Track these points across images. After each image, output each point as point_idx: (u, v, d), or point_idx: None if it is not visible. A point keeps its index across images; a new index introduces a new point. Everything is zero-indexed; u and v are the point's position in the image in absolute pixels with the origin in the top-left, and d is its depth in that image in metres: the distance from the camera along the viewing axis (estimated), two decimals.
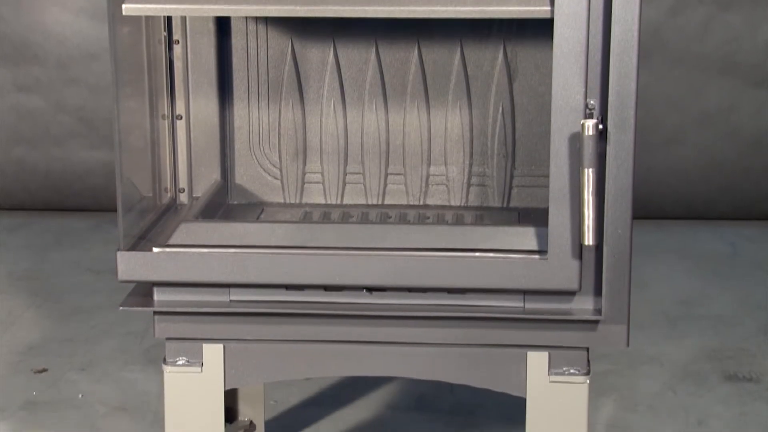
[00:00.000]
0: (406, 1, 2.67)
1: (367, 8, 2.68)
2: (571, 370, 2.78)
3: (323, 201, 3.19)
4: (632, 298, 2.75)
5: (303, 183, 3.19)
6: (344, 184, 3.18)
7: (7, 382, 3.90)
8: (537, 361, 2.78)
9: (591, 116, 2.61)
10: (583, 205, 2.59)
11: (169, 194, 3.12)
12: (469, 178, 3.15)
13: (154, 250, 2.75)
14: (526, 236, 2.76)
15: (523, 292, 2.73)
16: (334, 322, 2.78)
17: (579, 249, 2.66)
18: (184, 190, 3.15)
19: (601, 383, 3.83)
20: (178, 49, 3.09)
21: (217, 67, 3.11)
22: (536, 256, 2.69)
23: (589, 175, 2.58)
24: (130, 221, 2.84)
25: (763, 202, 5.68)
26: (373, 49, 3.11)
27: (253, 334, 2.81)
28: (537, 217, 2.98)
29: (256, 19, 3.11)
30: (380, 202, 3.18)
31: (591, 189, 2.58)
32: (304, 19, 3.09)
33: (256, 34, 3.12)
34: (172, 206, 3.12)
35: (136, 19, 2.90)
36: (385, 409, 3.70)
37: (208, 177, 3.17)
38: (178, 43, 3.09)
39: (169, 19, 3.06)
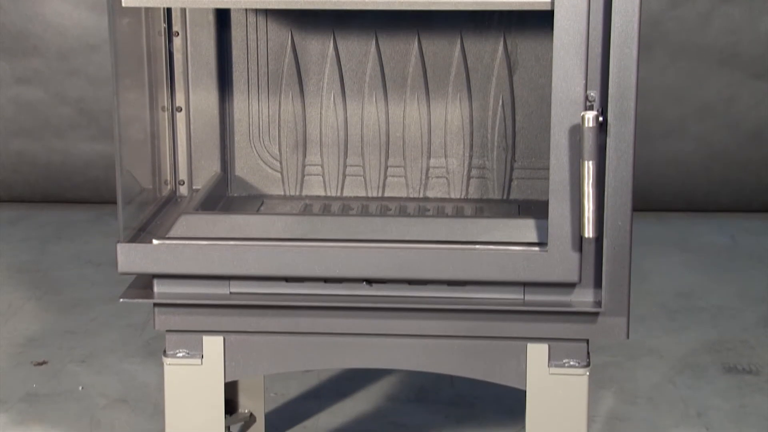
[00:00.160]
0: None
1: (367, 0, 2.68)
2: (571, 362, 2.78)
3: (323, 193, 3.19)
4: (632, 290, 2.75)
5: (303, 175, 3.19)
6: (344, 176, 3.18)
7: (7, 374, 3.90)
8: (537, 353, 2.78)
9: (591, 108, 2.61)
10: (583, 198, 2.59)
11: (169, 186, 3.12)
12: (469, 171, 3.15)
13: (154, 242, 2.75)
14: (526, 228, 2.75)
15: (523, 284, 2.73)
16: (334, 315, 2.78)
17: (579, 241, 2.66)
18: (184, 183, 3.15)
19: (600, 375, 3.83)
20: (177, 41, 3.08)
21: (216, 59, 3.10)
22: (536, 249, 2.69)
23: (589, 167, 2.57)
24: (130, 213, 2.84)
25: (763, 194, 5.67)
26: (373, 41, 3.11)
27: (253, 327, 2.81)
28: (537, 210, 2.98)
29: (256, 11, 3.11)
30: (380, 195, 3.18)
31: (591, 181, 2.58)
32: (304, 11, 3.08)
33: (256, 26, 3.12)
34: (172, 198, 3.12)
35: (135, 11, 2.90)
36: (385, 401, 3.70)
37: (208, 169, 3.17)
38: (178, 34, 3.08)
39: (169, 11, 3.06)
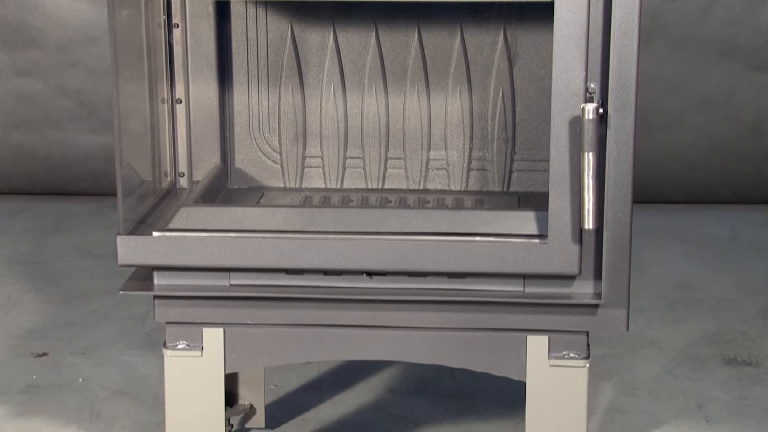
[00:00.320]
0: None
1: None
2: (571, 354, 2.78)
3: (323, 185, 3.19)
4: (632, 282, 2.74)
5: (303, 167, 3.19)
6: (344, 168, 3.18)
7: (7, 366, 3.90)
8: (537, 345, 2.78)
9: (591, 100, 2.60)
10: (583, 190, 2.59)
11: (168, 178, 3.12)
12: (469, 163, 3.15)
13: (154, 234, 2.75)
14: (526, 220, 2.75)
15: (523, 276, 2.73)
16: (334, 307, 2.78)
17: (579, 233, 2.66)
18: (183, 175, 3.15)
19: (600, 367, 3.83)
20: (177, 33, 3.08)
21: (216, 51, 3.10)
22: (536, 241, 2.69)
23: (590, 159, 2.57)
24: (130, 205, 2.84)
25: (763, 186, 5.67)
26: (373, 33, 3.11)
27: (253, 318, 2.81)
28: (537, 202, 2.98)
29: (256, 3, 3.11)
30: (380, 187, 3.18)
31: (591, 173, 2.58)
32: (303, 3, 3.08)
33: (256, 18, 3.12)
34: (172, 190, 3.11)
35: (135, 2, 2.90)
36: (385, 393, 3.70)
37: (208, 161, 3.16)
38: (178, 26, 3.08)
39: (169, 3, 3.06)
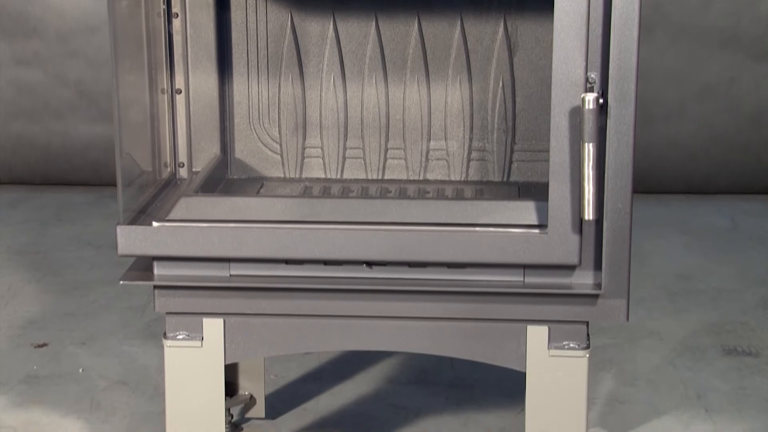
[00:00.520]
0: None
1: None
2: (571, 345, 2.78)
3: (323, 175, 3.19)
4: (632, 272, 2.74)
5: (303, 158, 3.19)
6: (344, 158, 3.18)
7: (7, 356, 3.90)
8: (537, 336, 2.78)
9: (591, 90, 2.60)
10: (583, 180, 2.59)
11: (168, 169, 3.12)
12: (469, 153, 3.15)
13: (154, 224, 2.75)
14: (526, 211, 2.75)
15: (523, 266, 2.73)
16: (334, 297, 2.78)
17: (579, 223, 2.66)
18: (183, 165, 3.14)
19: (600, 357, 3.83)
20: (177, 23, 3.08)
21: (216, 41, 3.10)
22: (536, 231, 2.69)
23: (590, 150, 2.57)
24: (130, 196, 2.83)
25: (764, 176, 5.67)
26: (373, 23, 3.10)
27: (253, 309, 2.81)
28: (537, 192, 2.98)
29: None
30: (380, 177, 3.17)
31: (591, 163, 2.58)
32: None
33: (256, 8, 3.11)
34: (172, 181, 3.11)
35: None
36: (385, 384, 3.70)
37: (208, 151, 3.16)
38: (177, 16, 3.07)
39: None
